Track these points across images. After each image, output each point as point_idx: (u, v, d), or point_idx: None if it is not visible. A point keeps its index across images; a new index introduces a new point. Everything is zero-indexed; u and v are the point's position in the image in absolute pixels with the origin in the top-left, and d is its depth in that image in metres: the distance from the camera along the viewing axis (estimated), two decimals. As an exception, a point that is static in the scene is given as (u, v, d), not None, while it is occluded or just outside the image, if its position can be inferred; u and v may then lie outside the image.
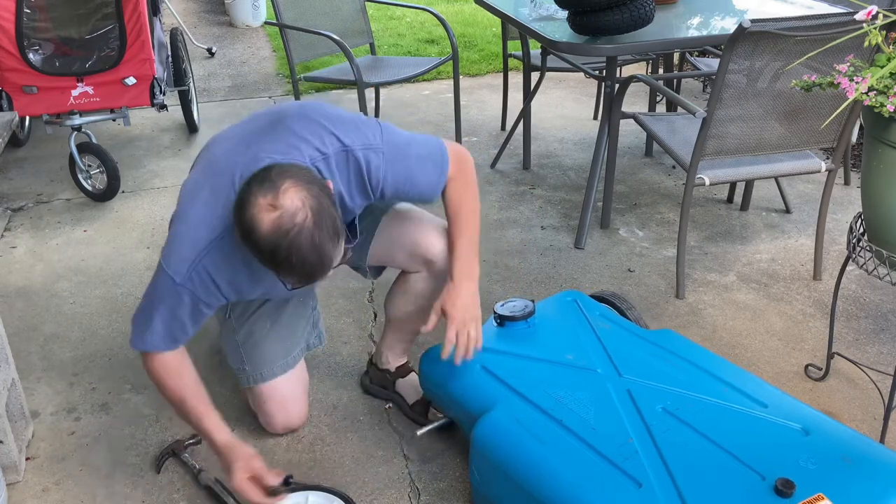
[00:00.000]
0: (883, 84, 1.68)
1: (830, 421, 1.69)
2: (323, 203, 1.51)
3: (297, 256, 1.49)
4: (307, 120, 1.72)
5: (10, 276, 2.95)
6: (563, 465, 1.62)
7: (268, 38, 6.17)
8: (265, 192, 1.48)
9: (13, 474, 1.99)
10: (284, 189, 1.48)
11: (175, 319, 1.74)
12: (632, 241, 3.10)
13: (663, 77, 3.77)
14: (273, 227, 1.47)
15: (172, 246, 1.69)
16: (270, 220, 1.47)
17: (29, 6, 3.16)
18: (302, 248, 1.48)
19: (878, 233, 1.88)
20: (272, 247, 1.48)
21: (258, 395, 2.07)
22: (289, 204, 1.47)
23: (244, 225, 1.50)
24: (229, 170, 1.67)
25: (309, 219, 1.48)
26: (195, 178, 1.74)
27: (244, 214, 1.49)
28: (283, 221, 1.47)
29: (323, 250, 1.51)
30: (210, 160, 1.75)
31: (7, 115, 2.09)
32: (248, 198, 1.49)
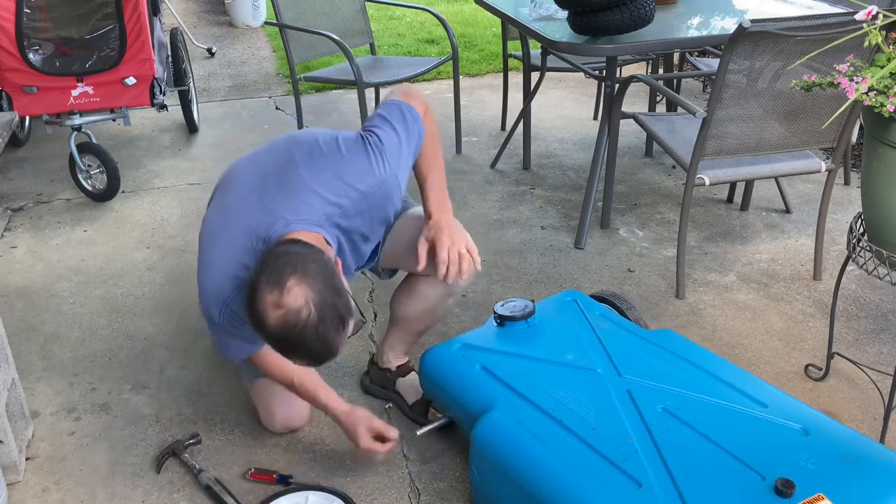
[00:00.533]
0: (883, 84, 1.68)
1: (830, 421, 1.69)
2: (326, 297, 1.56)
3: (302, 348, 1.57)
4: (317, 169, 1.76)
5: (10, 276, 2.95)
6: (563, 465, 1.62)
7: (268, 38, 6.17)
8: (272, 288, 1.54)
9: (13, 474, 1.99)
10: (289, 288, 1.54)
11: (237, 337, 1.85)
12: (632, 241, 3.10)
13: (663, 77, 3.77)
14: (278, 324, 1.54)
15: (202, 294, 1.80)
16: (276, 317, 1.54)
17: (29, 6, 3.16)
18: (307, 341, 1.56)
19: (878, 233, 1.88)
20: (280, 339, 1.57)
21: (262, 391, 2.08)
22: (293, 303, 1.53)
23: (255, 318, 1.58)
24: (245, 223, 1.75)
25: (313, 315, 1.54)
26: (213, 221, 1.83)
27: (254, 309, 1.57)
28: (288, 319, 1.54)
29: (327, 340, 1.58)
30: (225, 207, 1.82)
31: (7, 115, 2.09)
32: (257, 294, 1.56)
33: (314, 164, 1.77)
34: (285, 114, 4.50)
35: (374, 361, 2.28)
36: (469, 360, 1.97)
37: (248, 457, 2.07)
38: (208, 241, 1.81)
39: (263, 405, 2.10)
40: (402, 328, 2.16)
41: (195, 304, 2.72)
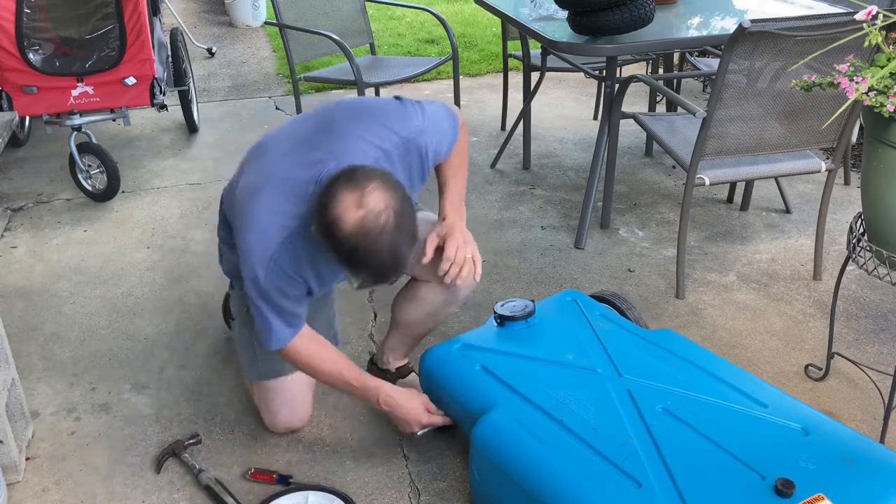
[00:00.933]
0: (883, 84, 1.68)
1: (830, 421, 1.69)
2: (405, 208, 1.55)
3: (374, 258, 1.53)
4: (359, 119, 1.77)
5: (10, 276, 2.95)
6: (564, 465, 1.62)
7: (268, 38, 6.17)
8: (352, 190, 1.51)
9: (13, 474, 1.99)
10: (370, 190, 1.51)
11: (283, 312, 1.79)
12: (632, 241, 3.10)
13: (663, 77, 3.77)
14: (356, 226, 1.50)
15: (246, 253, 1.74)
16: (355, 218, 1.50)
17: (29, 6, 3.16)
18: (381, 250, 1.52)
19: (878, 233, 1.88)
20: (352, 245, 1.52)
21: (266, 391, 2.07)
22: (374, 205, 1.51)
23: (327, 220, 1.53)
24: (290, 174, 1.72)
25: (391, 222, 1.52)
26: (251, 182, 1.78)
27: (328, 211, 1.52)
28: (367, 222, 1.50)
29: (399, 254, 1.55)
30: (266, 164, 1.79)
31: (7, 115, 2.09)
32: (335, 193, 1.52)
33: (354, 115, 1.78)
34: (285, 114, 4.50)
35: (374, 362, 2.28)
36: (469, 359, 1.97)
37: (248, 457, 2.07)
38: (248, 199, 1.75)
39: (266, 406, 2.09)
40: (403, 331, 2.16)
41: (195, 304, 2.73)
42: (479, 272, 1.95)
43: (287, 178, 1.72)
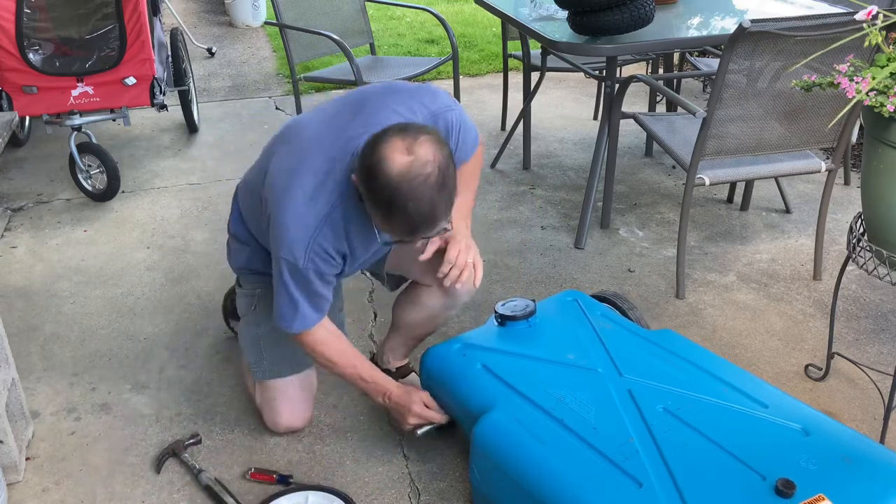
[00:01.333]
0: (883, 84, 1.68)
1: (830, 421, 1.69)
2: (451, 169, 1.57)
3: (413, 205, 1.53)
4: (390, 94, 1.80)
5: (10, 276, 2.95)
6: (564, 464, 1.62)
7: (268, 38, 6.17)
8: (403, 136, 1.53)
9: (13, 474, 1.99)
10: (421, 141, 1.53)
11: (314, 296, 1.80)
12: (632, 241, 3.10)
13: (663, 77, 3.77)
14: (403, 169, 1.51)
15: (284, 234, 1.72)
16: (402, 162, 1.51)
17: (29, 6, 3.16)
18: (422, 199, 1.53)
19: (878, 233, 1.88)
20: (394, 188, 1.52)
21: (269, 391, 2.07)
22: (423, 153, 1.52)
23: (372, 159, 1.53)
24: (325, 152, 1.72)
25: (436, 174, 1.53)
26: (284, 165, 1.77)
27: (376, 151, 1.53)
28: (414, 167, 1.51)
29: (437, 210, 1.55)
30: (298, 147, 1.79)
31: (7, 115, 2.09)
32: (384, 138, 1.53)
33: (385, 92, 1.81)
34: (285, 114, 4.50)
35: (374, 362, 2.27)
36: (470, 359, 1.97)
37: (248, 457, 2.07)
38: (284, 181, 1.74)
39: (269, 406, 2.09)
40: (403, 333, 2.18)
41: (195, 304, 2.73)
42: (479, 278, 1.95)
43: (323, 158, 1.72)
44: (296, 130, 1.84)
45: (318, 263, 1.75)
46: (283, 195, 1.73)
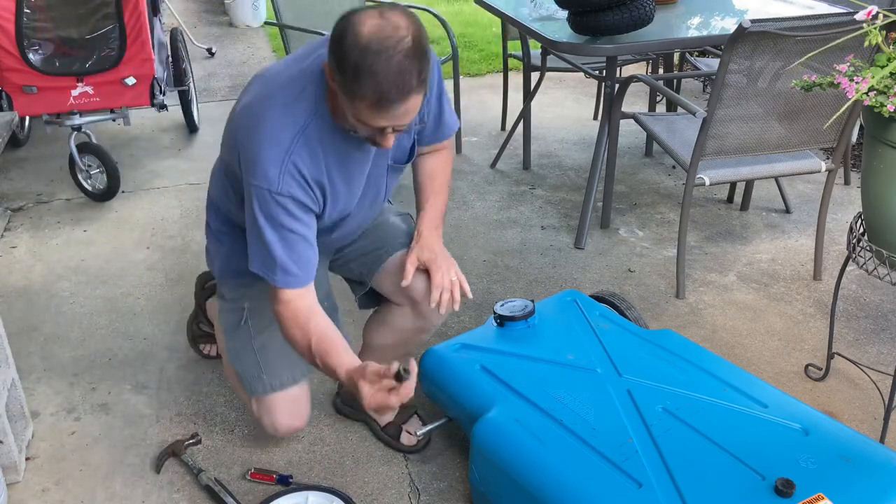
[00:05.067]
0: (883, 84, 1.68)
1: (830, 421, 1.69)
2: (424, 42, 1.49)
3: (383, 67, 1.45)
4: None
5: (10, 276, 2.95)
6: (563, 465, 1.62)
7: (268, 38, 6.17)
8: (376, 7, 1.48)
9: (13, 474, 1.99)
10: (395, 10, 1.48)
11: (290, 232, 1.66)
12: (632, 241, 3.10)
13: (663, 77, 3.77)
14: (374, 29, 1.45)
15: (255, 157, 1.62)
16: (373, 23, 1.46)
17: (29, 6, 3.16)
18: (391, 60, 1.45)
19: (878, 233, 1.88)
20: (364, 47, 1.45)
21: (270, 403, 1.95)
22: (395, 19, 1.47)
23: (341, 28, 1.47)
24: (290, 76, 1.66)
25: (409, 40, 1.46)
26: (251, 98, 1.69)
27: (347, 18, 1.47)
28: (385, 28, 1.45)
29: (407, 77, 1.47)
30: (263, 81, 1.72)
31: (7, 115, 2.09)
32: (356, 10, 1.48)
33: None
34: (285, 114, 4.50)
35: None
36: (469, 360, 1.97)
37: (248, 457, 2.07)
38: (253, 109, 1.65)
39: (269, 413, 1.97)
40: (373, 356, 2.05)
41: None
42: (467, 289, 1.89)
43: (289, 80, 1.65)
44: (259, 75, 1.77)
45: (294, 189, 1.63)
46: (254, 121, 1.65)
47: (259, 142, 1.63)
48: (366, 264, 2.02)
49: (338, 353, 1.67)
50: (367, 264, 2.01)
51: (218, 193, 1.90)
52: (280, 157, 1.61)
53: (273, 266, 1.68)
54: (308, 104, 1.63)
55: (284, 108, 1.64)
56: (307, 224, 1.70)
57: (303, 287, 1.71)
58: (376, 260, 2.00)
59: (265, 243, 1.66)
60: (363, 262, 2.02)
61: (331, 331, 1.71)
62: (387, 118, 1.53)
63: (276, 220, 1.65)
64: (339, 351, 1.68)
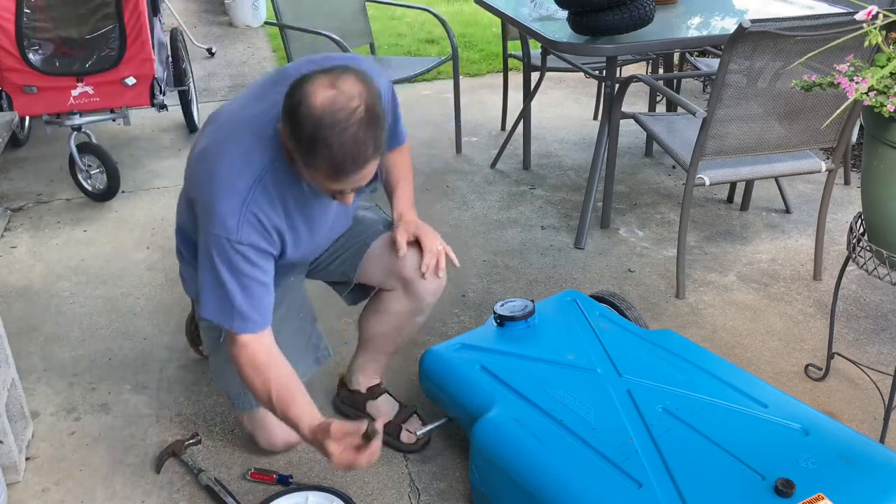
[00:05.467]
0: (883, 84, 1.68)
1: (830, 421, 1.69)
2: (377, 108, 1.50)
3: (337, 139, 1.45)
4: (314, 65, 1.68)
5: (10, 276, 2.95)
6: (563, 465, 1.62)
7: (268, 38, 6.17)
8: (327, 73, 1.48)
9: (13, 474, 1.99)
10: (347, 77, 1.48)
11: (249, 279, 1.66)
12: (632, 241, 3.10)
13: (663, 77, 3.77)
14: (326, 102, 1.44)
15: (213, 207, 1.61)
16: (326, 95, 1.45)
17: (29, 6, 3.16)
18: (345, 133, 1.45)
19: (878, 233, 1.88)
20: (316, 121, 1.45)
21: (258, 418, 1.98)
22: (348, 89, 1.46)
23: (296, 97, 1.47)
24: (248, 121, 1.65)
25: (362, 110, 1.46)
26: (207, 143, 1.69)
27: (298, 88, 1.47)
28: (338, 100, 1.45)
29: (362, 148, 1.47)
30: (218, 124, 1.72)
31: (7, 115, 2.09)
32: (307, 77, 1.47)
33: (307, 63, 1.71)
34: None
35: (344, 383, 2.20)
36: (469, 360, 1.97)
37: (248, 457, 2.07)
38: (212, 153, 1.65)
39: (260, 428, 2.01)
40: (371, 348, 2.09)
41: (195, 304, 2.72)
42: (453, 257, 1.93)
43: (248, 126, 1.64)
44: (217, 114, 1.77)
45: (253, 236, 1.62)
46: (210, 169, 1.63)
47: (216, 191, 1.62)
48: (346, 261, 2.02)
49: (300, 406, 1.67)
50: (348, 261, 2.02)
51: (185, 222, 1.85)
52: (238, 207, 1.61)
53: (231, 312, 1.67)
54: (264, 152, 1.62)
55: (241, 156, 1.63)
56: (266, 270, 1.70)
57: (261, 331, 1.71)
58: (356, 254, 2.00)
59: (224, 290, 1.66)
60: (343, 260, 2.03)
61: (292, 381, 1.71)
62: (344, 184, 1.55)
63: (235, 267, 1.64)
64: (301, 403, 1.68)
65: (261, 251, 1.66)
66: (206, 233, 1.64)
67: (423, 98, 4.76)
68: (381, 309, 2.02)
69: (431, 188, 3.52)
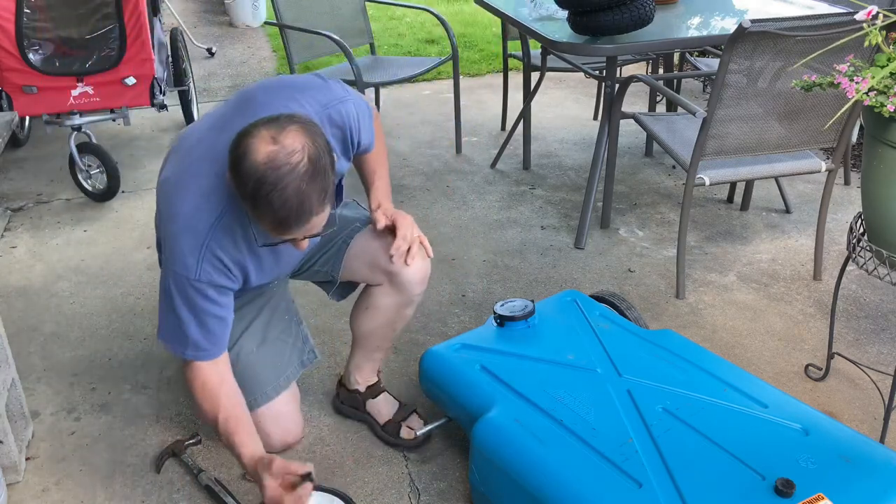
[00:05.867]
0: (883, 84, 1.68)
1: (830, 421, 1.69)
2: (322, 157, 1.50)
3: (279, 196, 1.46)
4: (276, 91, 1.72)
5: (10, 276, 2.95)
6: (563, 465, 1.62)
7: (268, 38, 6.17)
8: (269, 127, 1.47)
9: (13, 474, 1.99)
10: (289, 130, 1.47)
11: (206, 314, 1.71)
12: (632, 241, 3.10)
13: (663, 77, 3.77)
14: (266, 158, 1.45)
15: (173, 245, 1.66)
16: (267, 151, 1.45)
17: (29, 6, 3.16)
18: (288, 188, 1.46)
19: (878, 233, 1.88)
20: (259, 178, 1.46)
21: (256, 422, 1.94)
22: (289, 143, 1.46)
23: (238, 151, 1.47)
24: (209, 153, 1.66)
25: (304, 164, 1.46)
26: (171, 173, 1.71)
27: (241, 143, 1.47)
28: (278, 156, 1.45)
29: (307, 200, 1.48)
30: (183, 152, 1.73)
31: (7, 115, 2.09)
32: (251, 129, 1.47)
33: (273, 89, 1.73)
34: (285, 114, 4.49)
35: (343, 384, 2.20)
36: (469, 360, 1.97)
37: (248, 457, 2.07)
38: (173, 187, 1.67)
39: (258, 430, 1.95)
40: (365, 346, 2.09)
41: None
42: (429, 249, 1.93)
43: (209, 161, 1.64)
44: (184, 138, 1.78)
45: (213, 274, 1.66)
46: (171, 205, 1.66)
47: (176, 230, 1.65)
48: (328, 262, 2.03)
49: (244, 435, 1.73)
50: (330, 261, 2.03)
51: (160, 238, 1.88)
52: (197, 247, 1.64)
53: (185, 342, 1.73)
54: (224, 190, 1.62)
55: (201, 195, 1.64)
56: (223, 304, 1.73)
57: (214, 359, 1.77)
58: (338, 253, 2.01)
59: (179, 321, 1.71)
60: (325, 261, 2.04)
61: (240, 409, 1.78)
62: (292, 235, 1.56)
63: (192, 302, 1.69)
64: (246, 433, 1.74)
65: (220, 287, 1.70)
66: (167, 267, 1.69)
67: (423, 98, 4.76)
68: (370, 305, 2.02)
69: (431, 188, 3.52)
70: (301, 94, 1.72)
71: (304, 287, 2.72)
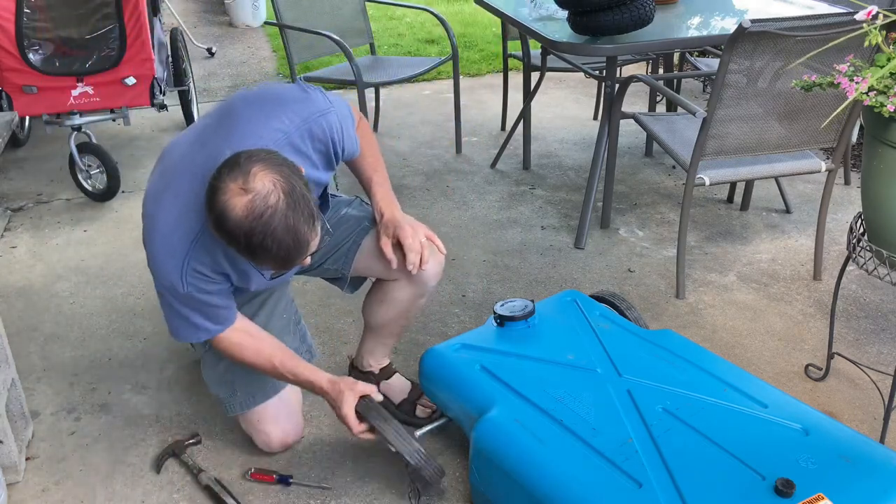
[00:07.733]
0: (883, 84, 1.68)
1: (830, 421, 1.69)
2: (295, 185, 1.51)
3: (272, 239, 1.48)
4: (257, 105, 1.73)
5: (10, 276, 2.95)
6: (563, 465, 1.62)
7: (268, 38, 6.17)
8: (235, 177, 1.48)
9: (13, 474, 1.99)
10: (254, 173, 1.48)
11: (208, 307, 1.76)
12: (632, 241, 3.10)
13: (663, 77, 3.77)
14: (246, 211, 1.46)
15: (154, 266, 1.72)
16: (243, 204, 1.46)
17: (29, 6, 3.16)
18: (277, 230, 1.48)
19: (878, 233, 1.88)
20: (246, 231, 1.48)
21: (252, 419, 2.01)
22: (260, 187, 1.47)
23: (216, 213, 1.49)
24: (189, 169, 1.67)
25: (282, 200, 1.47)
26: (153, 188, 1.74)
27: (216, 202, 1.48)
28: (256, 205, 1.46)
29: (298, 232, 1.50)
30: (166, 166, 1.76)
31: (7, 115, 2.09)
32: (219, 185, 1.48)
33: (254, 101, 1.74)
34: (285, 114, 4.49)
35: (355, 366, 2.22)
36: (469, 360, 1.97)
37: (248, 457, 2.07)
38: (152, 204, 1.71)
39: (256, 429, 2.03)
40: (378, 333, 2.12)
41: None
42: (440, 246, 1.94)
43: (188, 178, 1.66)
44: (168, 150, 1.80)
45: (200, 284, 1.71)
46: (150, 223, 1.70)
47: (154, 252, 1.71)
48: (339, 260, 2.04)
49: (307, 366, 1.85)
50: (341, 259, 2.04)
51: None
52: (178, 266, 1.68)
53: (197, 331, 1.80)
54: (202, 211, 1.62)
55: (179, 215, 1.67)
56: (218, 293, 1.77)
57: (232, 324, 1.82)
58: (349, 252, 2.02)
59: (184, 318, 1.77)
60: (335, 259, 2.05)
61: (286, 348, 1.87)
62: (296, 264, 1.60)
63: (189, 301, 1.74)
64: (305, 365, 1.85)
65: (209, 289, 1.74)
66: (155, 281, 1.76)
67: (423, 98, 4.76)
68: (385, 299, 2.04)
69: (431, 188, 3.52)
70: (282, 109, 1.72)
71: (304, 287, 2.73)
